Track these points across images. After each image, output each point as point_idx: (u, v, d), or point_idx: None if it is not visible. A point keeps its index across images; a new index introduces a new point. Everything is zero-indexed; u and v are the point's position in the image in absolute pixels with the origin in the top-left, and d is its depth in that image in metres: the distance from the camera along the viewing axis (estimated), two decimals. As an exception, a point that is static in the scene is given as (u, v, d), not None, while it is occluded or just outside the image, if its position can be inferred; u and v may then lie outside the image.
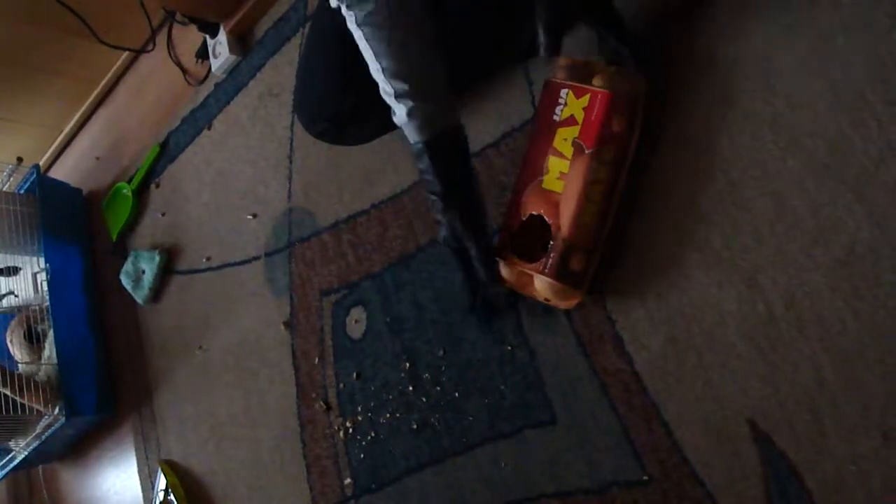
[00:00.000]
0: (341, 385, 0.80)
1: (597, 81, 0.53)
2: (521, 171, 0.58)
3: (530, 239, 0.58)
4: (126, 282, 1.12)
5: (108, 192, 1.21)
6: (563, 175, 0.55)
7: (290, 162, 0.90)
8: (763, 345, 0.52)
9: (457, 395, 0.69)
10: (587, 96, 0.53)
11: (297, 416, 0.84)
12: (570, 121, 0.54)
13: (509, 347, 0.66)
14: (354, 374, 0.78)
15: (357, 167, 0.82)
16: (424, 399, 0.72)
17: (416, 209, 0.75)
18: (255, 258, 0.93)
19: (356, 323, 0.79)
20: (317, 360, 0.83)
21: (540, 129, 0.56)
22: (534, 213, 0.57)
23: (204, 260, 1.01)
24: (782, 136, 0.52)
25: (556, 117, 0.55)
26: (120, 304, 1.16)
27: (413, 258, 0.75)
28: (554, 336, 0.63)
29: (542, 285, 0.57)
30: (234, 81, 1.00)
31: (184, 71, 1.13)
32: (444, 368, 0.71)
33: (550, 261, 0.55)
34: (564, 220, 0.55)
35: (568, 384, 0.62)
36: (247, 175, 0.96)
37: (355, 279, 0.81)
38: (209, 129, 1.04)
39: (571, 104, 0.54)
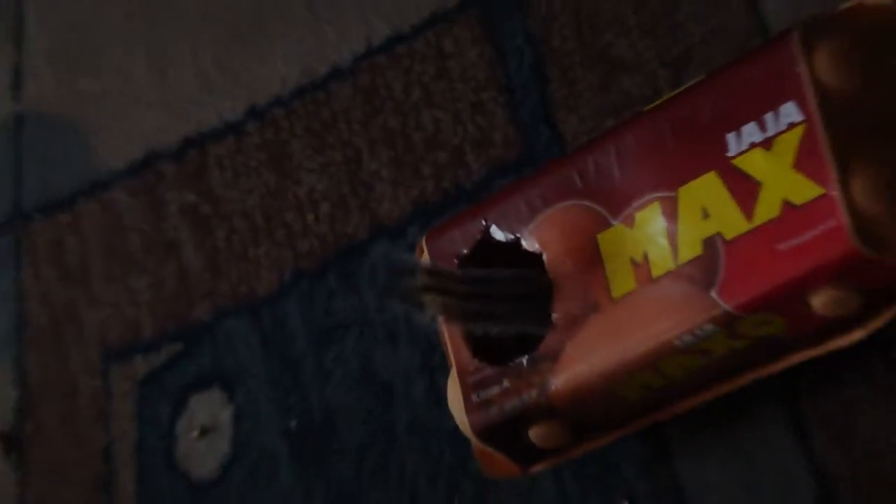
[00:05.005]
0: None
1: (857, 184, 0.52)
2: (572, 162, 0.60)
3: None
4: None
5: None
6: (640, 269, 0.56)
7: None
8: None
9: None
10: (813, 192, 0.52)
11: None
12: (743, 187, 0.53)
13: (626, 503, 0.63)
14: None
15: (206, 17, 0.82)
16: None
17: (373, 112, 0.74)
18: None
19: (202, 435, 0.75)
20: (94, 540, 0.81)
21: (682, 124, 0.57)
22: (541, 251, 0.60)
23: None
24: None
25: (730, 149, 0.54)
26: None
27: (363, 250, 0.72)
28: (750, 471, 0.59)
29: (453, 394, 0.62)
30: None
31: None
32: (442, 556, 0.70)
33: (486, 405, 0.61)
34: (571, 361, 0.58)
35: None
36: None
37: (203, 313, 0.77)
38: None
39: (776, 158, 0.53)
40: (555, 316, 0.57)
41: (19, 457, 0.84)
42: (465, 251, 0.61)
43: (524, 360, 0.58)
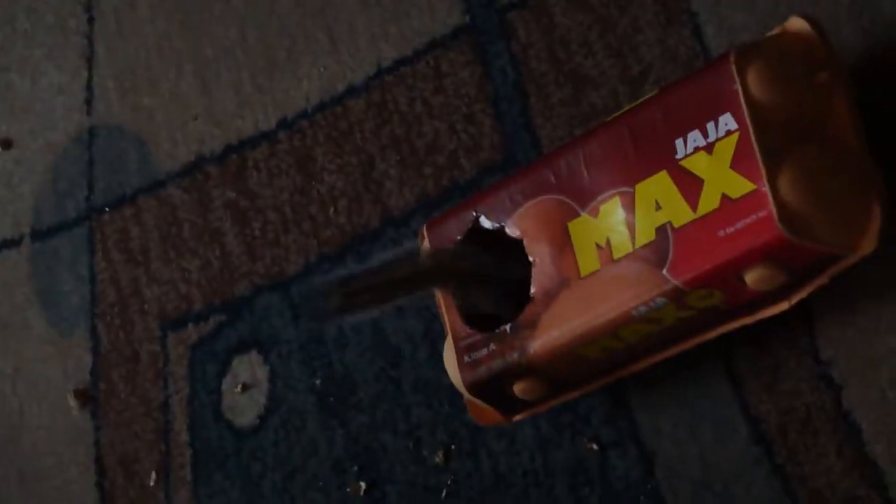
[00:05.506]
0: (211, 537, 0.76)
1: (783, 181, 0.50)
2: (547, 163, 0.58)
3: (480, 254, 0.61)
4: None
5: None
6: (603, 252, 0.56)
7: (90, 25, 0.88)
8: None
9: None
10: (746, 187, 0.50)
11: None
12: (689, 184, 0.52)
13: (593, 445, 0.62)
14: (242, 512, 0.74)
15: (244, 45, 0.80)
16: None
17: (382, 122, 0.73)
18: (13, 242, 0.90)
19: (243, 391, 0.75)
20: (153, 478, 0.79)
21: (639, 131, 0.55)
22: (522, 237, 0.59)
23: None
24: None
25: (678, 152, 0.52)
26: None
27: (376, 236, 0.71)
28: (695, 418, 0.60)
29: (448, 356, 0.61)
30: None
31: None
32: (444, 494, 0.66)
33: (476, 365, 0.59)
34: (547, 328, 0.57)
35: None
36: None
37: (243, 289, 0.77)
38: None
39: (716, 160, 0.51)
40: (533, 290, 0.57)
41: (94, 410, 0.84)
42: (459, 237, 0.60)
43: (507, 327, 0.58)
